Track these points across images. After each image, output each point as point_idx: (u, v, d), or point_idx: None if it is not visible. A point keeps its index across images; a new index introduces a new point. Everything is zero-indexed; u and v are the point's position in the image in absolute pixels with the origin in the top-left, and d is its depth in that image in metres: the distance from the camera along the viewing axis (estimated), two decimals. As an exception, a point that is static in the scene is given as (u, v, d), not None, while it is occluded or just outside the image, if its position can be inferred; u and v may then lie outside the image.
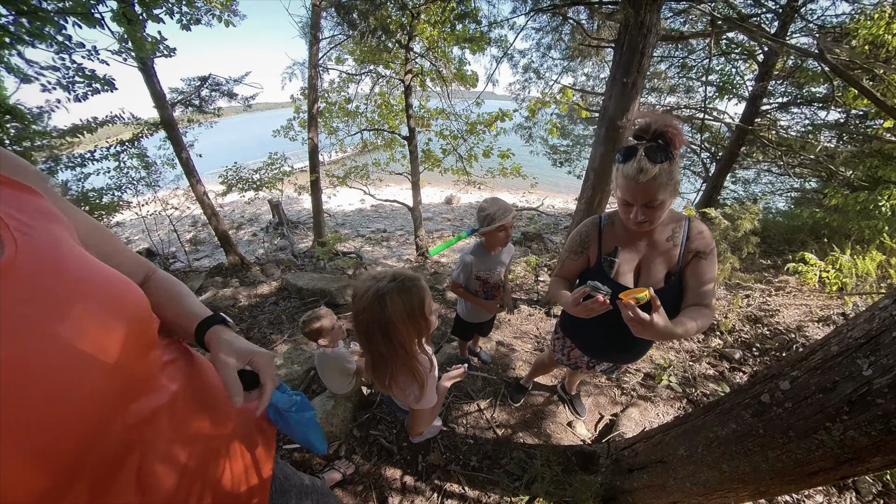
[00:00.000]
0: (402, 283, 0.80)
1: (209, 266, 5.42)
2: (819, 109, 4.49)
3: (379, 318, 0.78)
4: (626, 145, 0.89)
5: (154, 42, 3.64)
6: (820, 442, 0.80)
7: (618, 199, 0.94)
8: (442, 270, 5.08)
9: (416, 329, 0.83)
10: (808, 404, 0.82)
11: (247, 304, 3.38)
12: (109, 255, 0.53)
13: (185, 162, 4.66)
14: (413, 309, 0.80)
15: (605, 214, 1.12)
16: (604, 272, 1.06)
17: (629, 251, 1.05)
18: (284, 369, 2.05)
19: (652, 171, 0.83)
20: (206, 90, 5.02)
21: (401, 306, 0.78)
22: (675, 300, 1.04)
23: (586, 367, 1.41)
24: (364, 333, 0.82)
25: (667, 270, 1.04)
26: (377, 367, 0.88)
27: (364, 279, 0.83)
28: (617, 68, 1.99)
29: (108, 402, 0.39)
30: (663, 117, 0.86)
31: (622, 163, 0.88)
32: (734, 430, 0.99)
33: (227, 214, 10.41)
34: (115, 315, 0.41)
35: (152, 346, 0.49)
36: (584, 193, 2.55)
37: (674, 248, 1.02)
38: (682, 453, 1.15)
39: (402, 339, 0.80)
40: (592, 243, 1.11)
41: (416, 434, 1.51)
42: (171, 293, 0.61)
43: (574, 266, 1.16)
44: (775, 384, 0.92)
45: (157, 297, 0.58)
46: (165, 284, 0.62)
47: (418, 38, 4.97)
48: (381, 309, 0.77)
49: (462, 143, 6.15)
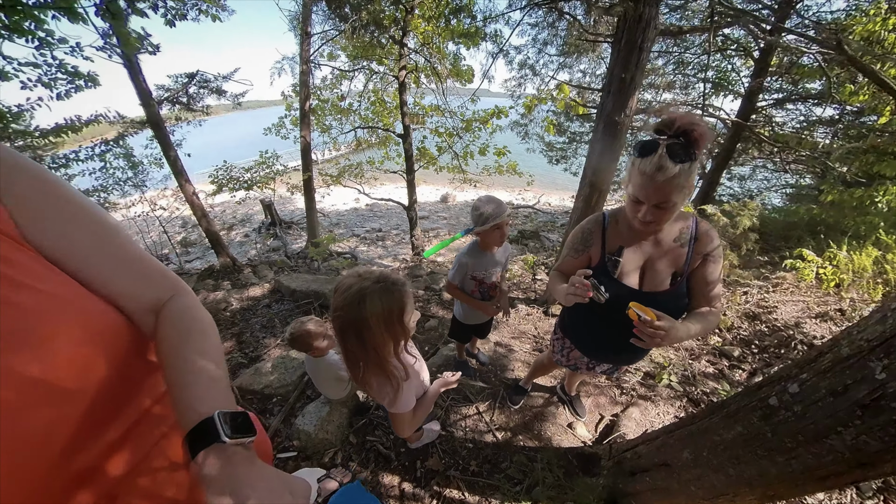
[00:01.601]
0: (385, 285, 0.79)
1: (200, 268, 5.31)
2: (814, 106, 4.53)
3: (355, 317, 0.77)
4: (645, 139, 0.84)
5: (138, 38, 3.52)
6: (831, 447, 0.78)
7: (627, 194, 0.89)
8: (439, 270, 5.04)
9: (391, 334, 0.81)
10: (819, 408, 0.80)
11: (238, 307, 3.30)
12: (92, 265, 0.44)
13: (174, 161, 4.55)
14: (391, 314, 0.79)
15: (609, 212, 1.07)
16: (607, 272, 1.02)
17: (634, 251, 1.01)
18: (277, 374, 1.99)
19: (671, 170, 0.77)
20: (193, 87, 4.89)
21: (379, 309, 0.77)
22: (682, 301, 1.02)
23: (586, 368, 1.38)
24: (339, 329, 0.81)
25: (673, 271, 1.00)
26: (349, 362, 0.87)
27: (350, 275, 0.81)
28: (615, 63, 1.96)
29: (70, 432, 0.36)
30: (689, 114, 0.82)
31: (639, 157, 0.82)
32: (741, 433, 0.96)
33: (218, 215, 10.24)
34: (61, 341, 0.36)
35: (130, 364, 0.44)
36: (581, 191, 2.52)
37: (681, 248, 0.98)
38: (686, 456, 1.13)
39: (375, 342, 0.79)
40: (595, 241, 1.07)
41: (412, 439, 1.47)
42: (176, 350, 0.46)
43: (574, 264, 1.12)
44: (783, 387, 0.89)
45: (161, 347, 0.46)
46: (174, 334, 0.47)
47: (412, 33, 4.89)
48: (359, 308, 0.76)
49: (458, 140, 6.08)
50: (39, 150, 4.16)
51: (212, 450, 0.39)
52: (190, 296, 0.54)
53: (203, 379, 0.45)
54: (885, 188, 2.70)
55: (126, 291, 0.47)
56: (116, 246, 0.47)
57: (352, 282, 0.79)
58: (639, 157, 0.82)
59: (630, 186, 0.87)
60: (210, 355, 0.48)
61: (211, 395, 0.44)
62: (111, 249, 0.46)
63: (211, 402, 0.42)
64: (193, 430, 0.40)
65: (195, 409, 0.41)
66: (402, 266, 5.80)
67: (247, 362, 2.36)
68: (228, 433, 0.40)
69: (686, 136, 0.79)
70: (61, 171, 4.19)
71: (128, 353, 0.45)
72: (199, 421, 0.40)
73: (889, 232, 2.72)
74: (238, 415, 0.43)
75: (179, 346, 0.47)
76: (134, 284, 0.48)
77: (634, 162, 0.84)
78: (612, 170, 2.37)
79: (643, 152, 0.82)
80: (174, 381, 0.44)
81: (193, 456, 0.39)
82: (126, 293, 0.47)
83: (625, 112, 2.05)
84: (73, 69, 3.48)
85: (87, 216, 0.44)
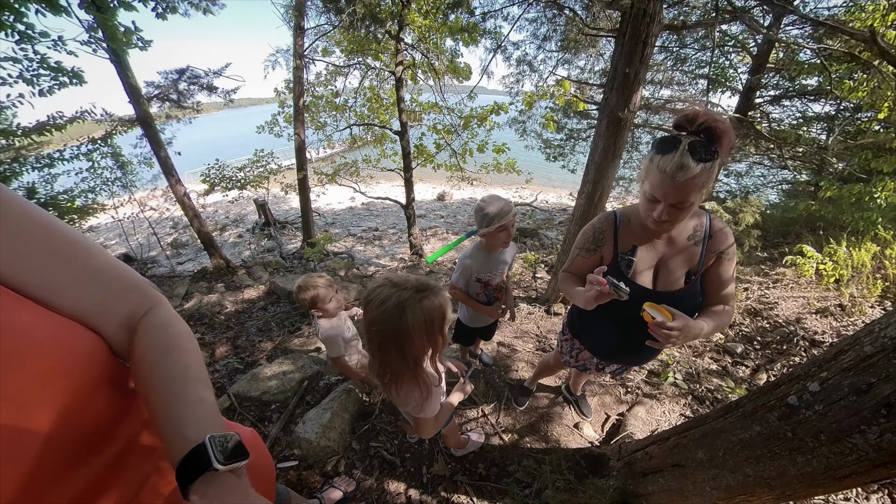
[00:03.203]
0: (425, 294, 0.76)
1: (193, 270, 5.19)
2: (810, 102, 4.57)
3: (396, 330, 0.74)
4: (664, 135, 0.80)
5: (128, 33, 3.40)
6: (854, 446, 0.77)
7: (642, 192, 0.86)
8: (438, 269, 5.00)
9: (431, 343, 0.79)
10: (842, 407, 0.78)
11: (233, 310, 3.23)
12: (54, 285, 0.39)
13: (164, 161, 4.42)
14: (433, 323, 0.76)
15: (621, 210, 1.05)
16: (620, 271, 1.00)
17: (647, 250, 0.99)
18: (275, 379, 1.93)
19: (693, 169, 0.74)
20: (183, 83, 4.76)
21: (421, 319, 0.74)
22: (697, 300, 1.00)
23: (595, 368, 1.35)
24: (377, 343, 0.78)
25: (687, 270, 0.98)
26: (383, 374, 0.84)
27: (383, 285, 0.77)
28: (619, 58, 1.93)
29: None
30: (712, 111, 0.78)
31: (659, 154, 0.78)
32: (759, 433, 0.95)
33: (211, 215, 10.05)
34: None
35: (104, 396, 0.40)
36: (583, 189, 2.50)
37: (695, 247, 0.96)
38: (701, 457, 1.11)
39: (416, 353, 0.77)
40: (608, 241, 1.03)
41: (458, 446, 1.48)
42: (157, 372, 0.42)
43: (585, 263, 1.09)
44: (803, 386, 0.88)
45: (139, 369, 0.42)
46: (153, 354, 0.43)
47: (409, 27, 4.81)
48: (400, 321, 0.73)
49: (455, 137, 6.03)
50: (23, 149, 4.00)
51: (203, 480, 0.36)
52: (166, 308, 0.49)
53: (190, 400, 0.41)
54: (883, 184, 2.73)
55: (95, 309, 0.42)
56: (81, 260, 0.42)
57: (388, 293, 0.74)
58: (658, 155, 0.78)
59: (646, 184, 0.84)
60: (194, 374, 0.44)
61: (200, 417, 0.41)
62: (75, 265, 0.41)
63: (201, 426, 0.40)
64: (184, 460, 0.37)
65: (184, 435, 0.39)
66: (400, 266, 5.75)
67: (243, 367, 2.30)
68: (221, 459, 0.37)
69: (709, 132, 0.75)
70: (45, 171, 4.04)
71: (100, 382, 0.40)
72: (190, 449, 0.37)
73: (887, 227, 2.76)
74: (230, 437, 0.40)
75: (160, 367, 0.43)
76: (103, 300, 0.43)
77: (653, 159, 0.80)
78: (615, 167, 2.35)
79: (663, 149, 0.78)
80: (157, 407, 0.41)
81: (183, 488, 0.36)
82: (95, 310, 0.42)
83: (628, 108, 2.02)
84: (57, 65, 3.35)
85: (45, 232, 0.39)
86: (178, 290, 3.99)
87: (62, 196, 4.26)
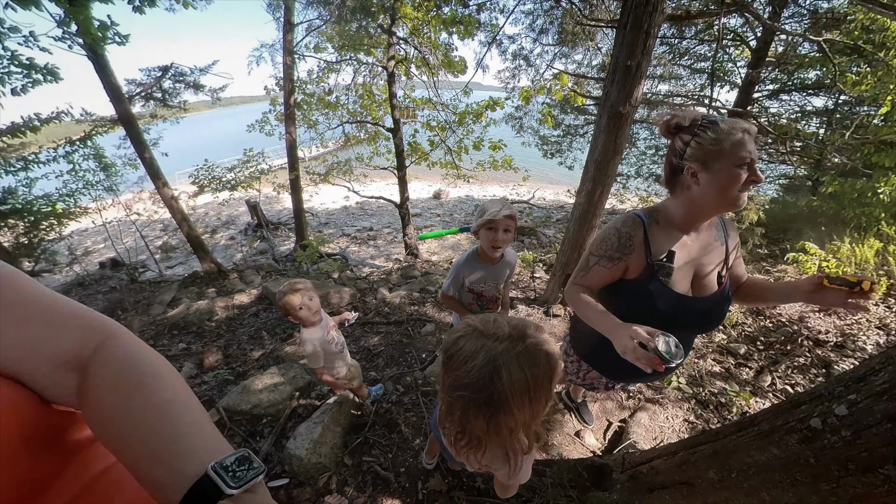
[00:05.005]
0: (526, 347, 0.57)
1: (183, 274, 5.06)
2: (809, 96, 4.53)
3: (488, 398, 0.56)
4: (707, 118, 0.80)
5: (104, 27, 3.23)
6: (886, 477, 0.70)
7: (718, 171, 0.77)
8: (433, 270, 4.92)
9: (533, 411, 0.59)
10: (873, 434, 0.72)
11: (224, 316, 3.12)
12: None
13: (149, 162, 4.26)
14: (538, 385, 0.57)
15: (644, 212, 0.92)
16: (657, 281, 0.88)
17: (681, 254, 0.89)
18: (266, 392, 1.85)
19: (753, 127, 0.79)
20: (168, 81, 4.58)
21: (522, 382, 0.55)
22: (730, 300, 0.97)
23: (605, 388, 1.28)
24: (461, 409, 0.60)
25: (717, 270, 0.93)
26: (460, 438, 0.66)
27: (467, 334, 0.59)
28: (620, 50, 1.84)
29: None
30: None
31: (718, 123, 0.78)
32: (777, 456, 0.88)
33: (201, 217, 9.86)
34: None
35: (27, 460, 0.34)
36: (583, 187, 2.42)
37: (721, 246, 0.93)
38: (712, 476, 1.04)
39: (512, 424, 0.58)
40: (637, 248, 0.89)
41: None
42: (131, 414, 0.36)
43: (607, 275, 0.93)
44: (828, 407, 0.81)
45: (98, 415, 0.36)
46: (116, 395, 0.37)
47: (402, 21, 4.66)
48: (493, 384, 0.55)
49: (450, 134, 5.90)
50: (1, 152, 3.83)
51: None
52: (124, 339, 0.42)
53: (181, 430, 0.36)
54: (886, 178, 2.68)
55: (17, 354, 0.35)
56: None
57: (475, 346, 0.57)
58: (720, 124, 0.78)
59: (722, 158, 0.76)
60: (177, 399, 0.39)
61: (195, 445, 0.35)
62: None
63: (200, 455, 0.34)
64: (185, 500, 0.32)
65: (180, 472, 0.33)
66: (395, 266, 5.65)
67: (233, 378, 2.21)
68: (233, 484, 0.32)
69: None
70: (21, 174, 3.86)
71: (18, 444, 0.34)
72: (189, 487, 0.32)
73: (891, 223, 2.72)
74: (236, 456, 0.35)
75: (130, 407, 0.36)
76: (30, 344, 0.36)
77: (720, 129, 0.77)
78: (616, 164, 2.27)
79: (718, 119, 0.78)
80: (134, 452, 0.35)
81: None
82: (17, 356, 0.35)
83: (630, 102, 1.94)
84: (29, 61, 3.18)
85: None
86: (162, 298, 3.87)
87: (40, 200, 4.07)
